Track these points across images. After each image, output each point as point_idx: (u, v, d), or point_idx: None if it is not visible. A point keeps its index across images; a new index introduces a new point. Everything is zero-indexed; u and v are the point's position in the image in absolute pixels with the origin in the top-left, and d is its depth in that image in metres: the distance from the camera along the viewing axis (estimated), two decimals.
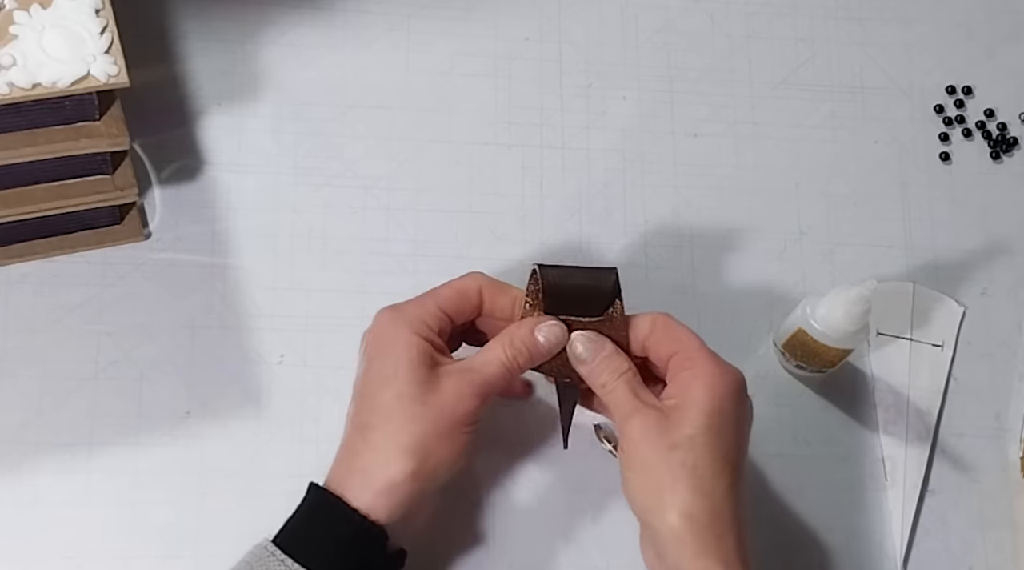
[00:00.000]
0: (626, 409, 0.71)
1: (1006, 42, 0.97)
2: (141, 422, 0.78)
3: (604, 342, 0.73)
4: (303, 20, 0.89)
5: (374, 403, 0.71)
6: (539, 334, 0.73)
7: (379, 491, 0.68)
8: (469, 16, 0.92)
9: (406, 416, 0.69)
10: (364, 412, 0.71)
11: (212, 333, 0.81)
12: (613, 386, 0.72)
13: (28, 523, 0.75)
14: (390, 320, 0.73)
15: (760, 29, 0.95)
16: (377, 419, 0.70)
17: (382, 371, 0.71)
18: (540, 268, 0.74)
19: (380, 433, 0.70)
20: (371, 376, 0.72)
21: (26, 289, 0.80)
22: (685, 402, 0.70)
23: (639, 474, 0.70)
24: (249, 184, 0.85)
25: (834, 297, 0.78)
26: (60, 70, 0.67)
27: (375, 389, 0.71)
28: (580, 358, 0.73)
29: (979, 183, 0.93)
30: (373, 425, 0.70)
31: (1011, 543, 0.84)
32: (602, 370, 0.73)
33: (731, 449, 0.70)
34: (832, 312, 0.78)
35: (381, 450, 0.69)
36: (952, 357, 0.87)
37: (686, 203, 0.89)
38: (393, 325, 0.72)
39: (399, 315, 0.72)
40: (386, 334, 0.72)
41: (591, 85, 0.91)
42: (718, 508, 0.69)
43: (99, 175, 0.76)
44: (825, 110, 0.93)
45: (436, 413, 0.70)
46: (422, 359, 0.71)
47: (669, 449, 0.69)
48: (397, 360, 0.71)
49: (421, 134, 0.88)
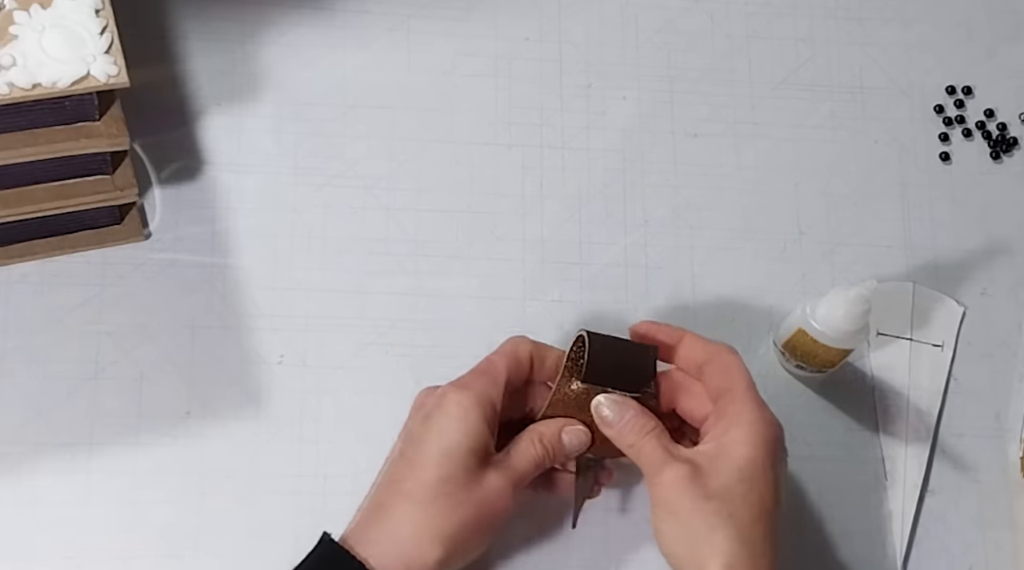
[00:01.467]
0: (656, 463, 0.71)
1: (1006, 42, 0.97)
2: (141, 422, 0.78)
3: (629, 403, 0.73)
4: (303, 20, 0.89)
5: (423, 476, 0.70)
6: (565, 436, 0.73)
7: (404, 565, 0.68)
8: (469, 16, 0.92)
9: (448, 502, 0.69)
10: (409, 481, 0.70)
11: (212, 333, 0.81)
12: (641, 443, 0.72)
13: (28, 523, 0.75)
14: (458, 396, 0.71)
15: (760, 29, 0.95)
16: (422, 493, 0.69)
17: (440, 445, 0.70)
18: (589, 336, 0.73)
19: (422, 511, 0.69)
20: (427, 448, 0.70)
21: (26, 289, 0.80)
22: (722, 449, 0.70)
23: (674, 525, 0.70)
24: (249, 184, 0.85)
25: (834, 297, 0.78)
26: (60, 70, 0.67)
27: (428, 462, 0.70)
28: (607, 420, 0.73)
29: (979, 183, 0.93)
30: (416, 498, 0.69)
31: (1011, 543, 0.84)
32: (629, 430, 0.72)
33: (766, 497, 0.70)
34: (832, 312, 0.78)
35: (419, 527, 0.69)
36: (952, 357, 0.87)
37: (686, 203, 0.89)
38: (460, 401, 0.71)
39: (468, 392, 0.71)
40: (453, 409, 0.71)
41: (591, 85, 0.91)
42: (756, 556, 0.69)
43: (99, 175, 0.76)
44: (825, 110, 0.93)
45: (477, 507, 0.70)
46: (479, 448, 0.70)
47: (705, 499, 0.69)
48: (457, 443, 0.70)
49: (421, 134, 0.88)
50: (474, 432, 0.70)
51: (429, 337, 0.82)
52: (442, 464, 0.69)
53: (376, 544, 0.68)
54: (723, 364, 0.74)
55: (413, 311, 0.83)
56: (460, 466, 0.69)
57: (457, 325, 0.83)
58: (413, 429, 0.72)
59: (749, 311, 0.87)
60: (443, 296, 0.84)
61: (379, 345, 0.82)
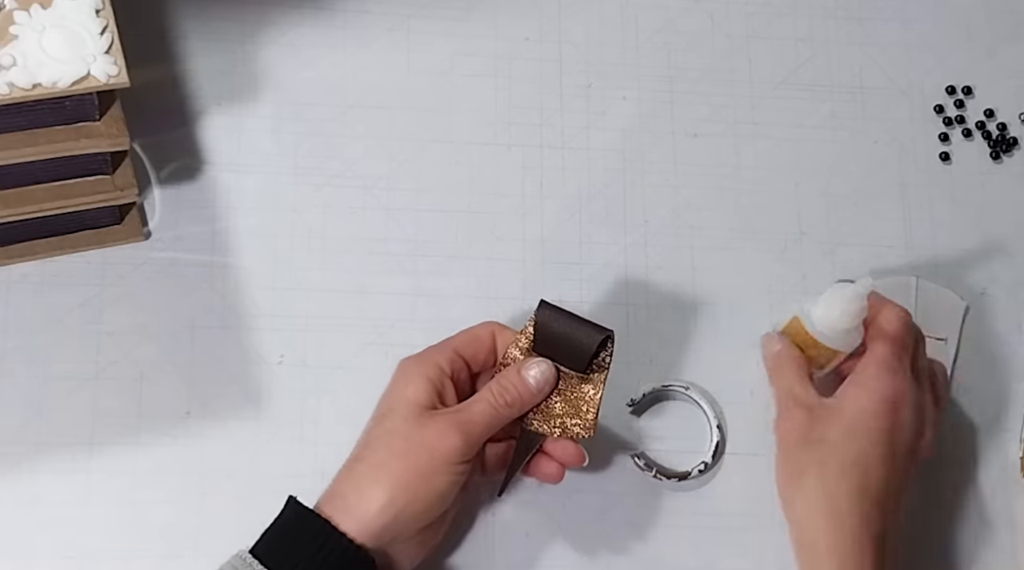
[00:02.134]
0: (782, 403, 0.79)
1: (1006, 42, 0.97)
2: (141, 422, 0.78)
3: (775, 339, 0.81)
4: (303, 20, 0.89)
5: (367, 436, 0.73)
6: (526, 373, 0.74)
7: (356, 518, 0.69)
8: (469, 16, 0.92)
9: (389, 451, 0.71)
10: (359, 443, 0.73)
11: (212, 333, 0.81)
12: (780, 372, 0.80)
13: (28, 523, 0.75)
14: (405, 362, 0.75)
15: (760, 29, 0.95)
16: (365, 451, 0.72)
17: (381, 407, 0.74)
18: (540, 306, 0.74)
19: (363, 464, 0.71)
20: (375, 412, 0.74)
21: (26, 289, 0.80)
22: (839, 402, 0.77)
23: (781, 463, 0.77)
24: (249, 184, 0.85)
25: (831, 295, 0.78)
26: (60, 70, 0.67)
27: (372, 423, 0.73)
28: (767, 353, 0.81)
29: (979, 183, 0.93)
30: (361, 456, 0.72)
31: (1011, 543, 0.84)
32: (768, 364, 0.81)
33: (864, 454, 0.75)
34: (829, 311, 0.78)
35: (361, 480, 0.71)
36: (956, 350, 0.87)
37: (686, 203, 0.89)
38: (405, 366, 0.74)
39: (414, 358, 0.75)
40: (398, 374, 0.74)
41: (591, 85, 0.91)
42: (838, 507, 0.73)
43: (99, 175, 0.76)
44: (825, 110, 0.93)
45: (417, 450, 0.71)
46: (419, 398, 0.72)
47: (806, 444, 0.76)
48: (396, 397, 0.73)
49: (421, 134, 0.88)
50: (413, 384, 0.72)
51: (429, 337, 0.82)
52: (382, 420, 0.72)
53: (330, 505, 0.70)
54: (878, 323, 0.78)
55: (413, 311, 0.83)
56: (400, 418, 0.72)
57: (457, 325, 0.83)
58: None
59: (749, 311, 0.87)
60: (443, 296, 0.84)
61: (379, 345, 0.82)
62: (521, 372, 0.74)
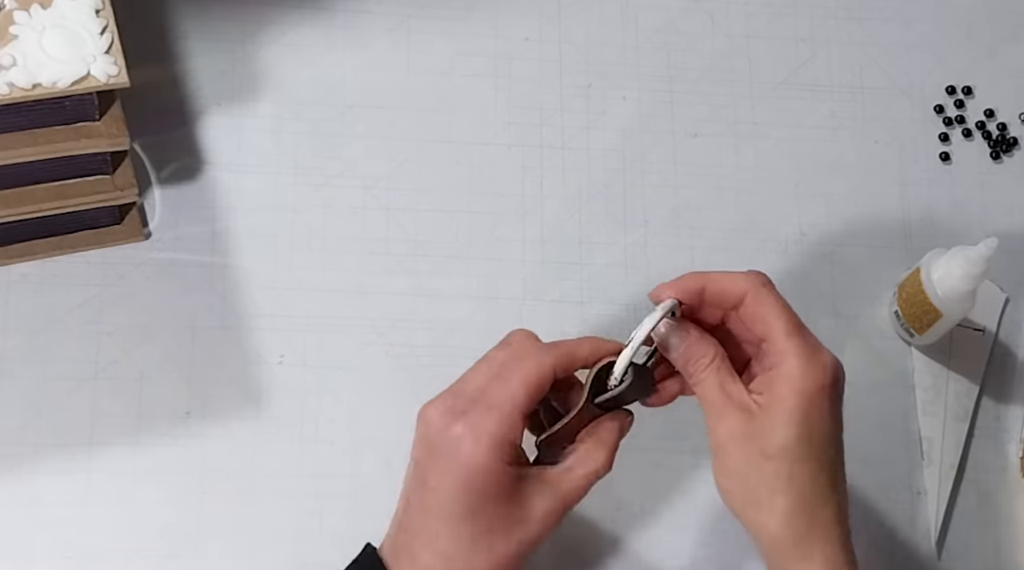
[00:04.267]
0: (714, 408, 0.68)
1: (1006, 42, 0.97)
2: (141, 422, 0.78)
3: (689, 327, 0.69)
4: (303, 20, 0.89)
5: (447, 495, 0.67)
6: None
7: None
8: (469, 16, 0.92)
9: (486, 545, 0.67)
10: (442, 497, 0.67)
11: (212, 333, 0.81)
12: (699, 377, 0.68)
13: (28, 523, 0.75)
14: (465, 439, 0.66)
15: (760, 29, 0.95)
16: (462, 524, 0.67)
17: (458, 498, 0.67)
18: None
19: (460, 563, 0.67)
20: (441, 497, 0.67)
21: (26, 289, 0.80)
22: (773, 405, 0.66)
23: (734, 483, 0.68)
24: (249, 184, 0.85)
25: (952, 256, 0.79)
26: (60, 70, 0.67)
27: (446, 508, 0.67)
28: (670, 347, 0.69)
29: (979, 183, 0.93)
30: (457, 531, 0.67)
31: (1011, 543, 0.84)
32: (687, 358, 0.69)
33: (826, 447, 0.67)
34: (950, 271, 0.79)
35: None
36: (994, 341, 0.87)
37: (686, 203, 0.89)
38: (473, 448, 0.66)
39: (479, 432, 0.66)
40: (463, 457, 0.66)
41: (591, 85, 0.91)
42: (818, 512, 0.66)
43: (99, 175, 0.76)
44: (825, 110, 0.93)
45: (519, 539, 0.67)
46: (505, 484, 0.67)
47: (763, 459, 0.66)
48: (481, 493, 0.66)
49: (421, 134, 0.88)
50: (494, 472, 0.66)
51: (429, 337, 0.82)
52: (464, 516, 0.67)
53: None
54: (754, 303, 0.68)
55: (413, 311, 0.83)
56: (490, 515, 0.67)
57: (457, 325, 0.83)
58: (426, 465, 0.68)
59: None
60: (443, 296, 0.84)
61: (379, 345, 0.82)
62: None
